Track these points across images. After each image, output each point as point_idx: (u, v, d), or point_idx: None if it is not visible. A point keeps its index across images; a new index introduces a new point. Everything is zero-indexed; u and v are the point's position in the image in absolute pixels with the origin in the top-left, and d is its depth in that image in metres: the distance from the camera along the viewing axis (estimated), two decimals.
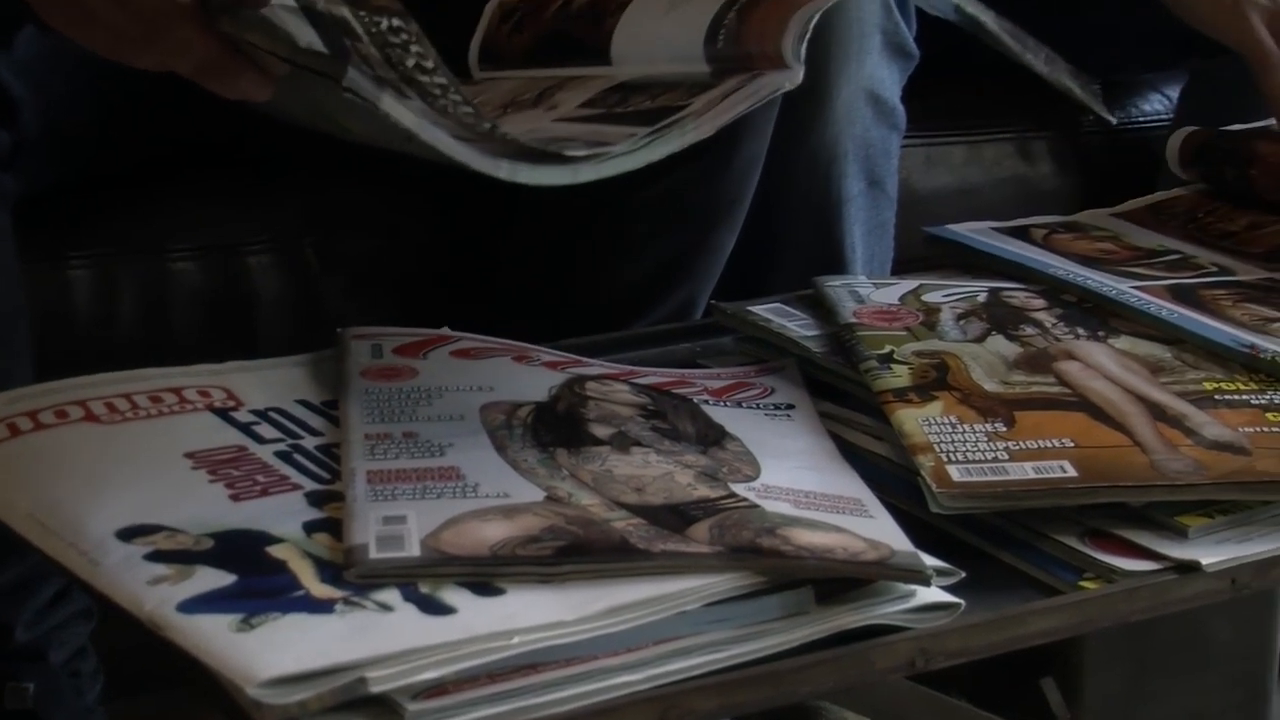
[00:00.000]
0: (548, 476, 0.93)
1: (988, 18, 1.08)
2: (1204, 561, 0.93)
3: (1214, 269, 1.25)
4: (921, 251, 1.32)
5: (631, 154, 0.95)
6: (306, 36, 0.91)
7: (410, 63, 0.88)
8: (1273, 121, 1.45)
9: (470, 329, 1.13)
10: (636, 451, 0.97)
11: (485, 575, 0.84)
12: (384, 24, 0.88)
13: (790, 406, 1.08)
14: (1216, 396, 1.05)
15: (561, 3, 1.12)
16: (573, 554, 0.86)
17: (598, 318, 1.33)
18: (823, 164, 1.41)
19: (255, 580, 0.84)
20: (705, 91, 0.99)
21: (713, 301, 1.28)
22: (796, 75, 1.00)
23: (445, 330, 1.12)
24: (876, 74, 1.43)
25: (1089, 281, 1.20)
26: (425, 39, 0.88)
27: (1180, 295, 1.18)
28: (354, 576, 0.83)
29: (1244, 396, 1.05)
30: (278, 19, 0.92)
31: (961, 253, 1.27)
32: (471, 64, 1.16)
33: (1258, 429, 1.01)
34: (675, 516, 0.90)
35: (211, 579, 0.83)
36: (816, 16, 1.00)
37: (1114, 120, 1.27)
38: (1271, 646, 1.10)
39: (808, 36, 1.00)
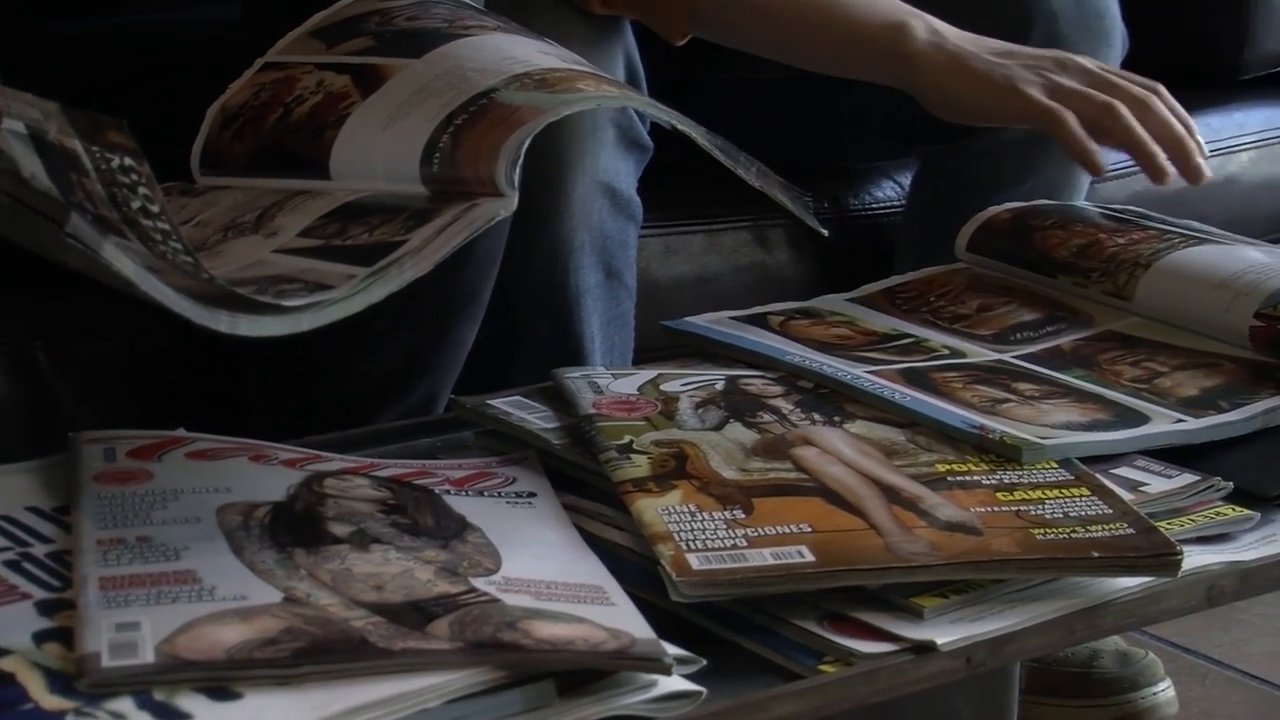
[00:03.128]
0: (285, 577, 0.93)
1: (698, 134, 1.10)
2: (939, 641, 0.94)
3: (946, 351, 1.28)
4: (663, 340, 1.33)
5: (351, 298, 0.96)
6: (31, 165, 0.90)
7: (135, 205, 0.88)
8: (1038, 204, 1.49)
9: (212, 429, 1.12)
10: (376, 549, 0.97)
11: (221, 680, 0.83)
12: (115, 162, 0.87)
13: (532, 494, 1.08)
14: (949, 478, 1.07)
15: (281, 113, 1.12)
16: (311, 655, 0.85)
17: (339, 414, 1.33)
18: (559, 257, 1.42)
19: None
20: (422, 225, 1.00)
21: (453, 396, 1.28)
22: (511, 202, 1.01)
23: (180, 432, 1.10)
24: (611, 166, 1.44)
25: (824, 367, 1.21)
26: (155, 183, 0.87)
27: (913, 379, 1.20)
28: (86, 686, 0.82)
29: (975, 477, 1.07)
30: (4, 143, 0.91)
31: (700, 342, 1.29)
32: (194, 168, 1.15)
33: (989, 509, 1.03)
34: (415, 614, 0.90)
35: None
36: (527, 142, 1.02)
37: (825, 233, 1.29)
38: None
39: (519, 163, 1.01)
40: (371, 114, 1.08)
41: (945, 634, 0.95)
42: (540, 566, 0.97)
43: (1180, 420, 1.16)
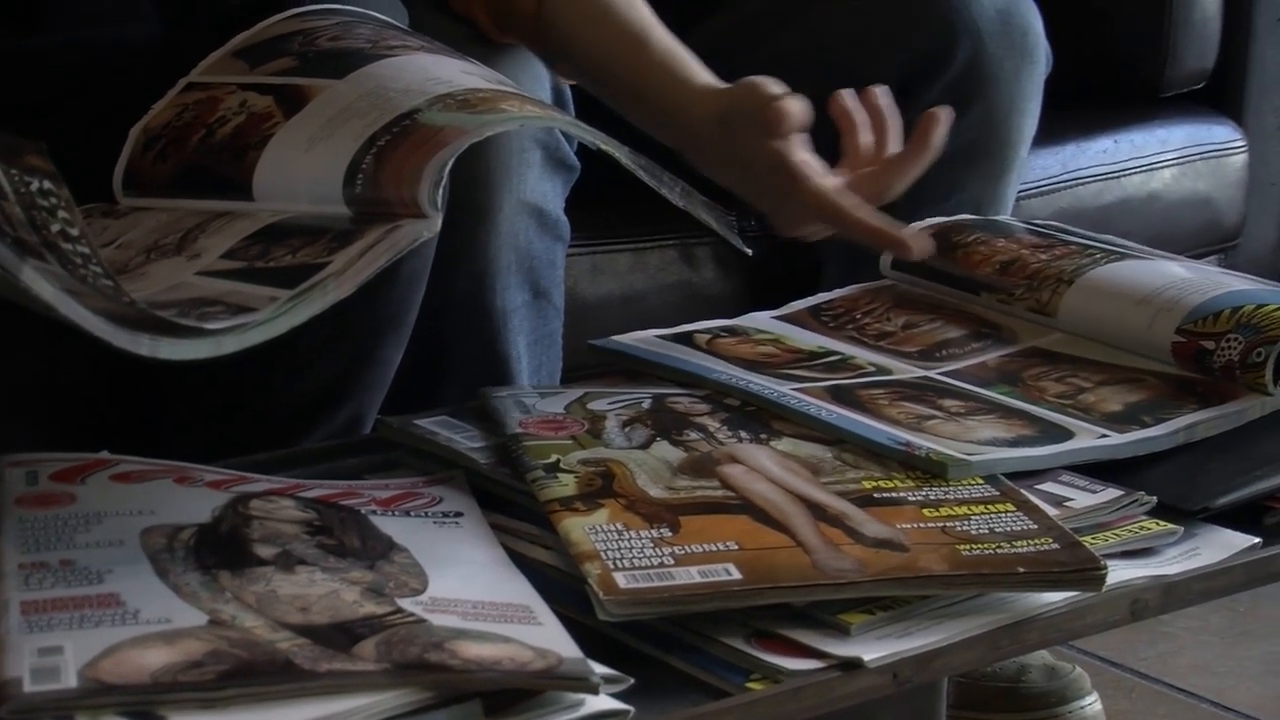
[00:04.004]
0: (210, 599, 0.92)
1: (622, 154, 1.10)
2: (866, 658, 0.94)
3: (872, 369, 1.28)
4: (590, 359, 1.33)
5: (274, 320, 0.96)
6: None
7: (55, 228, 0.87)
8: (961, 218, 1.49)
9: (137, 451, 1.11)
10: (301, 570, 0.97)
11: (146, 704, 0.83)
12: (34, 185, 0.86)
13: (459, 514, 1.08)
14: (875, 495, 1.08)
15: (204, 133, 1.11)
16: (236, 677, 0.85)
17: (265, 435, 1.32)
18: (486, 277, 1.42)
19: None
20: (345, 247, 0.99)
21: (380, 417, 1.27)
22: (434, 223, 1.01)
23: (104, 454, 1.10)
24: (538, 187, 1.44)
25: (750, 385, 1.22)
26: (74, 206, 0.87)
27: (839, 396, 1.21)
28: (7, 713, 0.81)
29: (902, 494, 1.08)
30: None
31: (627, 361, 1.29)
32: (116, 189, 1.15)
33: (915, 525, 1.04)
34: (341, 635, 0.89)
35: None
36: (450, 163, 1.01)
37: (750, 252, 1.29)
38: None
39: (443, 184, 1.01)
40: (294, 135, 1.08)
41: (872, 650, 0.95)
42: (467, 586, 0.97)
43: (1104, 435, 1.17)
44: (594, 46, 1.41)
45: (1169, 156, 2.12)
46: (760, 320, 1.38)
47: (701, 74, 1.39)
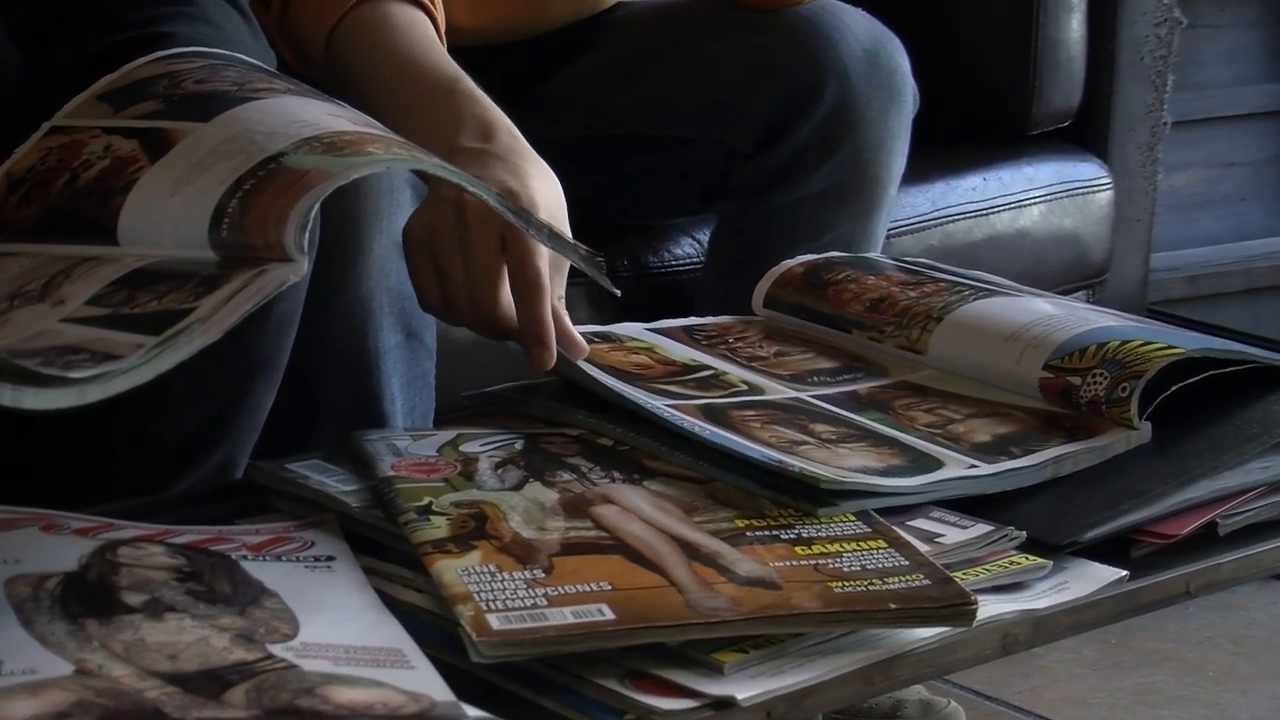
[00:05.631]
0: (77, 649, 0.91)
1: (489, 196, 1.11)
2: (740, 697, 0.94)
3: (744, 387, 1.29)
4: (463, 400, 1.33)
5: (139, 368, 0.95)
6: None
7: None
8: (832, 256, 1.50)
9: (2, 499, 1.10)
10: (170, 617, 0.96)
11: None
12: None
13: (331, 558, 1.07)
14: (748, 533, 1.08)
15: (68, 178, 1.10)
16: None
17: (136, 481, 1.31)
18: (358, 318, 1.42)
19: None
20: (211, 292, 0.98)
21: (252, 461, 1.26)
22: (300, 267, 1.01)
23: None
24: None
25: (625, 391, 1.22)
26: None
27: (711, 416, 1.21)
28: None
29: (774, 532, 1.08)
30: None
31: (502, 404, 1.29)
32: None
33: (788, 563, 1.04)
34: (211, 682, 0.89)
35: None
36: (316, 207, 1.01)
37: (618, 293, 1.29)
38: None
39: (309, 227, 1.01)
40: (160, 179, 1.07)
41: (745, 689, 0.95)
42: (339, 631, 0.97)
43: (973, 466, 1.18)
44: (371, 85, 1.39)
45: (1037, 194, 2.15)
46: (633, 330, 1.38)
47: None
